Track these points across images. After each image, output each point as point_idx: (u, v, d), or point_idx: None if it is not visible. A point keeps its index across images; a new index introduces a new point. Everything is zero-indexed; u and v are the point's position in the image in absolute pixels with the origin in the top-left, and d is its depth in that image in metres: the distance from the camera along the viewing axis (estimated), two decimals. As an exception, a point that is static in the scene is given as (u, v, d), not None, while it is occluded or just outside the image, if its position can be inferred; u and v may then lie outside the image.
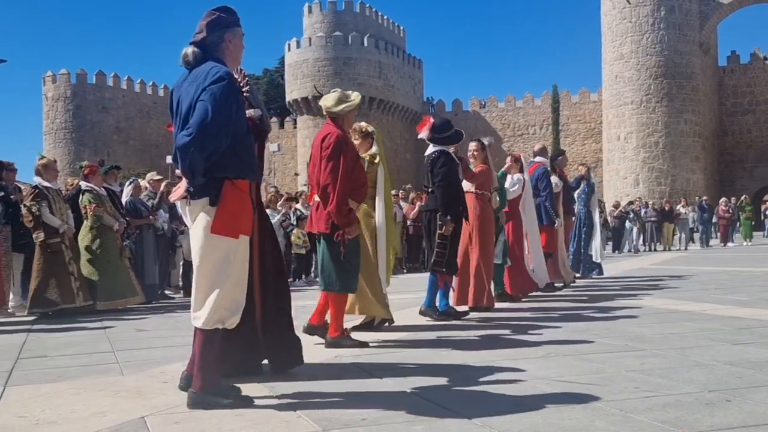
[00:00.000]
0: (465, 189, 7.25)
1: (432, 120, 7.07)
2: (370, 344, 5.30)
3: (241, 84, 3.83)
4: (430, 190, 6.87)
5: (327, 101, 5.49)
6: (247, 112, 3.83)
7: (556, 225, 9.92)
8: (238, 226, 3.57)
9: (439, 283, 6.84)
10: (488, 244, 7.52)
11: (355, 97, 5.50)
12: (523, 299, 8.52)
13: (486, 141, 8.00)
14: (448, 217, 6.63)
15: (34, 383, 4.27)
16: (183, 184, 3.60)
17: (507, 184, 8.65)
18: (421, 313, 6.77)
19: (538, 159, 10.24)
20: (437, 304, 6.85)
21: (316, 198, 5.43)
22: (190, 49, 3.66)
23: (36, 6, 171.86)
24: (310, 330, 5.47)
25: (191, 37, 3.74)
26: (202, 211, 3.55)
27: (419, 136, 7.06)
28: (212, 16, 3.69)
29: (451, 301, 7.17)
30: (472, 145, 7.80)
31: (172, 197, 3.70)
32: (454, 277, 7.10)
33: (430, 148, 6.95)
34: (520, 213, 8.76)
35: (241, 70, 3.96)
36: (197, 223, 3.58)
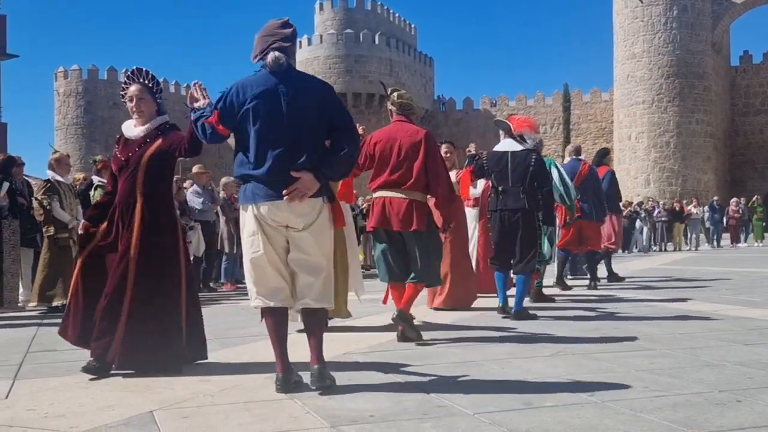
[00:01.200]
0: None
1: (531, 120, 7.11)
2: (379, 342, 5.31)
3: None
4: (521, 188, 6.65)
5: (408, 98, 5.67)
6: None
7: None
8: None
9: (531, 280, 6.97)
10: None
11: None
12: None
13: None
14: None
15: (43, 377, 4.28)
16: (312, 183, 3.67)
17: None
18: (516, 315, 6.55)
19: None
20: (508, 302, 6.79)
21: (389, 194, 5.45)
22: (282, 55, 3.73)
23: (48, 2, 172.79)
24: (404, 318, 5.44)
25: (203, 34, 3.81)
26: (324, 208, 3.75)
27: (527, 134, 6.87)
28: (292, 28, 3.84)
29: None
30: (444, 147, 7.70)
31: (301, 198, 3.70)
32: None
33: (515, 146, 6.81)
34: None
35: None
36: (321, 219, 3.74)
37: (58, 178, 8.57)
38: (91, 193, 9.09)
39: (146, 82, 4.57)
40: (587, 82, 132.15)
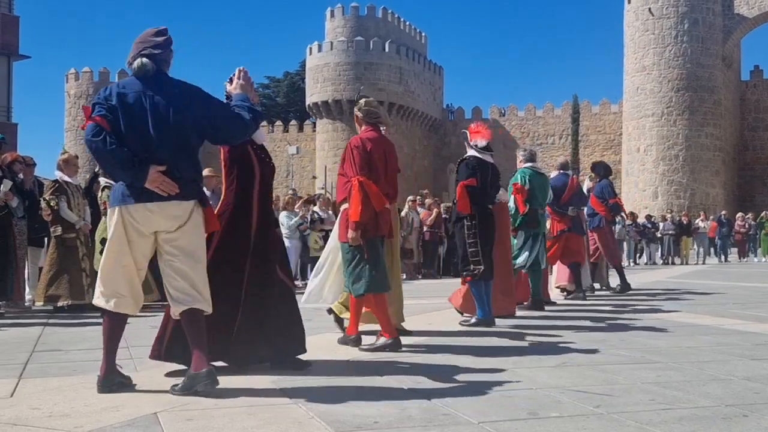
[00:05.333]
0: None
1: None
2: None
3: None
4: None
5: (376, 107, 5.65)
6: None
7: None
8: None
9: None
10: None
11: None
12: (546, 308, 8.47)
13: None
14: None
15: (49, 376, 4.29)
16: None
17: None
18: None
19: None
20: None
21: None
22: (148, 61, 3.82)
23: (61, 4, 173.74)
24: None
25: (213, 38, 3.84)
26: (192, 212, 3.81)
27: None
28: (165, 36, 3.95)
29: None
30: None
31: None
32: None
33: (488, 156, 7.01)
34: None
35: None
36: (190, 222, 3.81)
37: (66, 178, 8.60)
38: (99, 194, 9.10)
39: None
40: (597, 94, 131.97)
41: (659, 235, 25.17)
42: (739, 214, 28.34)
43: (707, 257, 26.12)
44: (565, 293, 9.93)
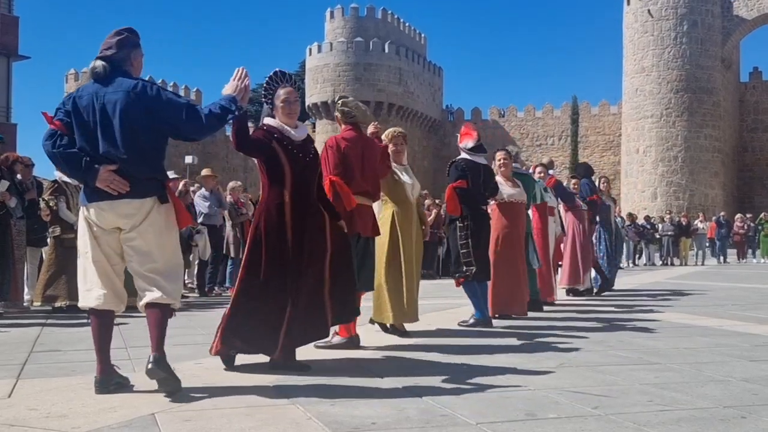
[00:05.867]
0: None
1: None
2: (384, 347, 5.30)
3: None
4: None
5: (353, 106, 5.66)
6: None
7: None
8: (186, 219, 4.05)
9: None
10: None
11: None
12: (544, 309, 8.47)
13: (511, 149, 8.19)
14: None
15: (47, 377, 4.29)
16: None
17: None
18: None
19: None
20: None
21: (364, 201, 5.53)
22: (99, 63, 3.87)
23: (61, 5, 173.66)
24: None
25: (213, 38, 3.83)
26: (152, 209, 3.81)
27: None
28: (121, 36, 3.95)
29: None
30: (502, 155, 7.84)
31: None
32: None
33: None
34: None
35: None
36: (151, 220, 3.81)
37: (66, 179, 8.58)
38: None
39: (294, 86, 4.65)
40: (596, 95, 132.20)
41: (658, 236, 25.18)
42: (738, 216, 28.37)
43: (706, 258, 26.13)
44: (570, 294, 9.94)
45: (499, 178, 7.61)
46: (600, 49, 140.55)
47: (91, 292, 3.82)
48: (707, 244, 26.88)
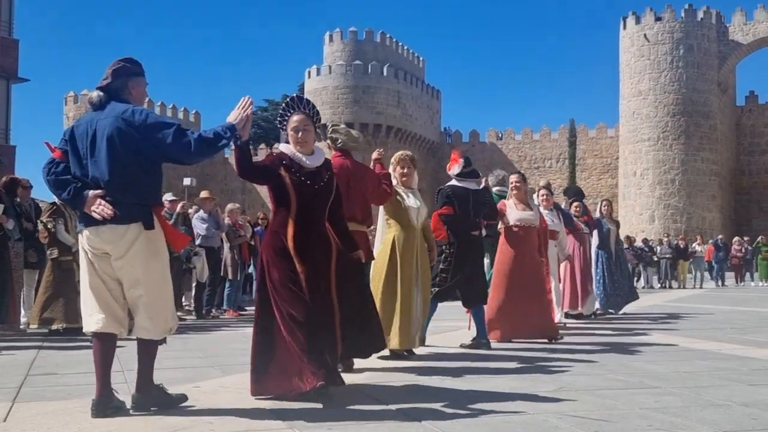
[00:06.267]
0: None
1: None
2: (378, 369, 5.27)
3: None
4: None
5: (343, 132, 5.70)
6: None
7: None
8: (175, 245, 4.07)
9: None
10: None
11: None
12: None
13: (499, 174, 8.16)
14: None
15: (43, 400, 4.26)
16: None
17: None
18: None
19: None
20: None
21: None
22: (95, 93, 3.97)
23: (60, 28, 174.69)
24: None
25: (212, 60, 3.86)
26: (138, 236, 3.81)
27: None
28: (117, 65, 4.02)
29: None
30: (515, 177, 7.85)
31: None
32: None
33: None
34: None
35: None
36: (136, 246, 3.82)
37: (65, 201, 8.59)
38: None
39: (308, 111, 4.55)
40: (593, 118, 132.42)
41: (656, 259, 25.18)
42: (736, 239, 28.40)
43: (704, 281, 26.11)
44: (570, 319, 9.93)
45: (510, 202, 7.60)
46: (597, 73, 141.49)
47: (91, 316, 3.85)
48: (705, 267, 26.88)
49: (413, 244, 6.13)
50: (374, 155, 6.02)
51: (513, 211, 7.53)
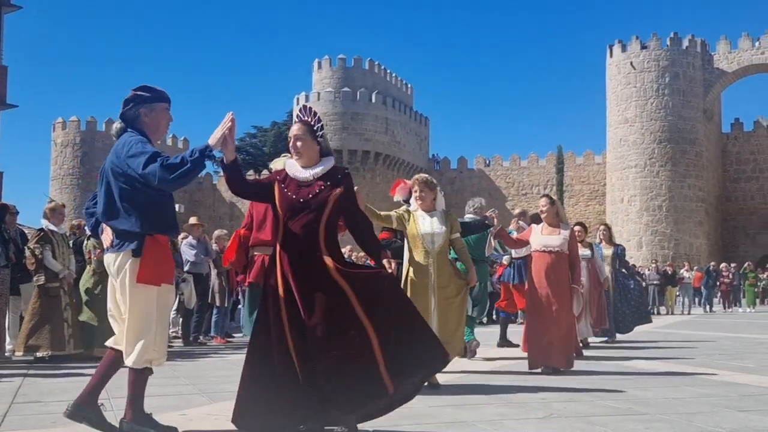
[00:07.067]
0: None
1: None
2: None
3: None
4: None
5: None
6: None
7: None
8: (161, 276, 3.95)
9: None
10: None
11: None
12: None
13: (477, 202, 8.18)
14: None
15: (27, 428, 4.21)
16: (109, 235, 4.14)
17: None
18: None
19: None
20: None
21: None
22: (116, 123, 4.19)
23: (48, 54, 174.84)
24: None
25: (201, 86, 3.93)
26: (127, 263, 3.90)
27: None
28: (130, 94, 4.13)
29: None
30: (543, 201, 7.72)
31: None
32: None
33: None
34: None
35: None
36: (123, 273, 3.92)
37: (52, 227, 8.55)
38: (84, 243, 9.08)
39: (309, 120, 4.21)
40: (580, 145, 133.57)
41: (644, 285, 25.23)
42: (723, 265, 28.56)
43: (692, 307, 26.18)
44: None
45: (538, 227, 7.43)
46: (584, 100, 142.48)
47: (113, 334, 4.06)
48: (693, 293, 26.97)
49: (427, 272, 5.93)
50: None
51: (537, 236, 7.38)
